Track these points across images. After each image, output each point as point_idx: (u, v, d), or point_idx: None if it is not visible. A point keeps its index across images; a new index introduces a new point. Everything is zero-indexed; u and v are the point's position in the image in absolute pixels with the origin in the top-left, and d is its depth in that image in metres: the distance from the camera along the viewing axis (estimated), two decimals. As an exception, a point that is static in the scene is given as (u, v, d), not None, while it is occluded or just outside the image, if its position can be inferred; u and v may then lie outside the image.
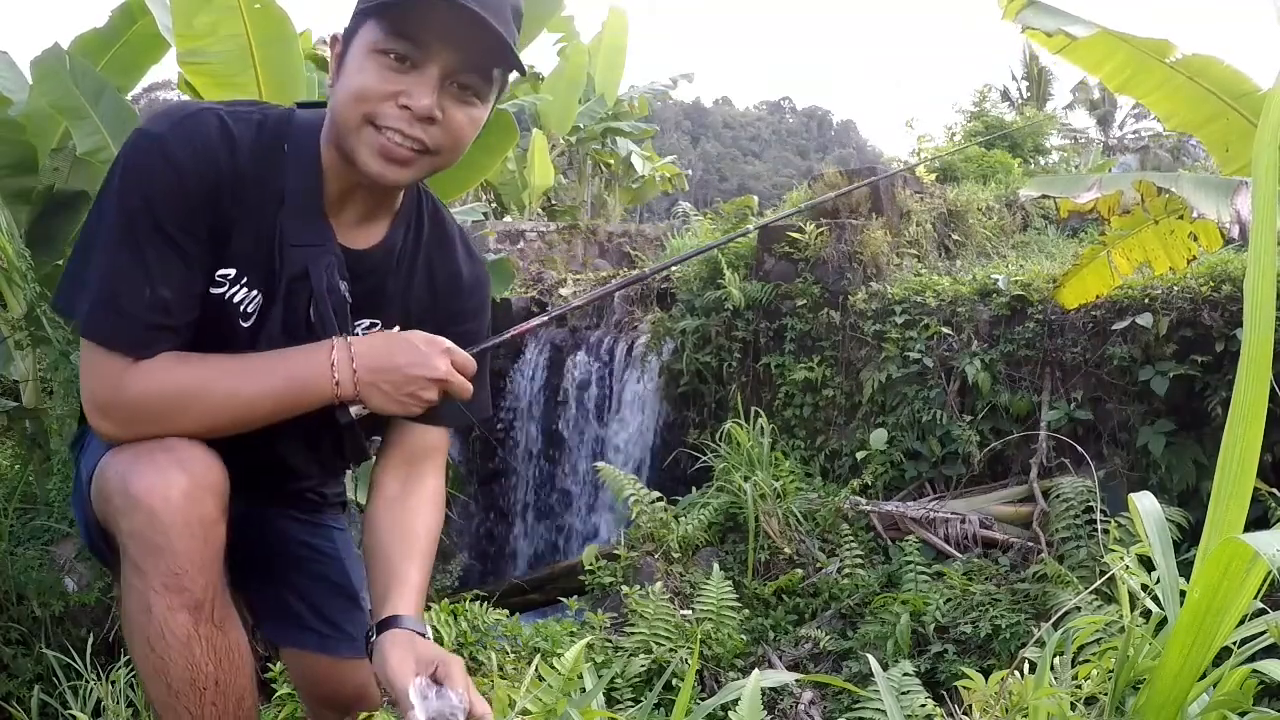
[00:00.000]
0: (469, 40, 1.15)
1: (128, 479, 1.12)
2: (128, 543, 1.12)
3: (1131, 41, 3.36)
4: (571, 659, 1.70)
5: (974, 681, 1.50)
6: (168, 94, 18.03)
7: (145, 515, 1.11)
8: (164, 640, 1.13)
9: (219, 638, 1.18)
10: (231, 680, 1.20)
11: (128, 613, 1.15)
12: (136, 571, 1.12)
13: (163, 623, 1.13)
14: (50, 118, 3.84)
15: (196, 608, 1.15)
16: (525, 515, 6.39)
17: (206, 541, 1.15)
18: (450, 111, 1.18)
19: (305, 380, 1.18)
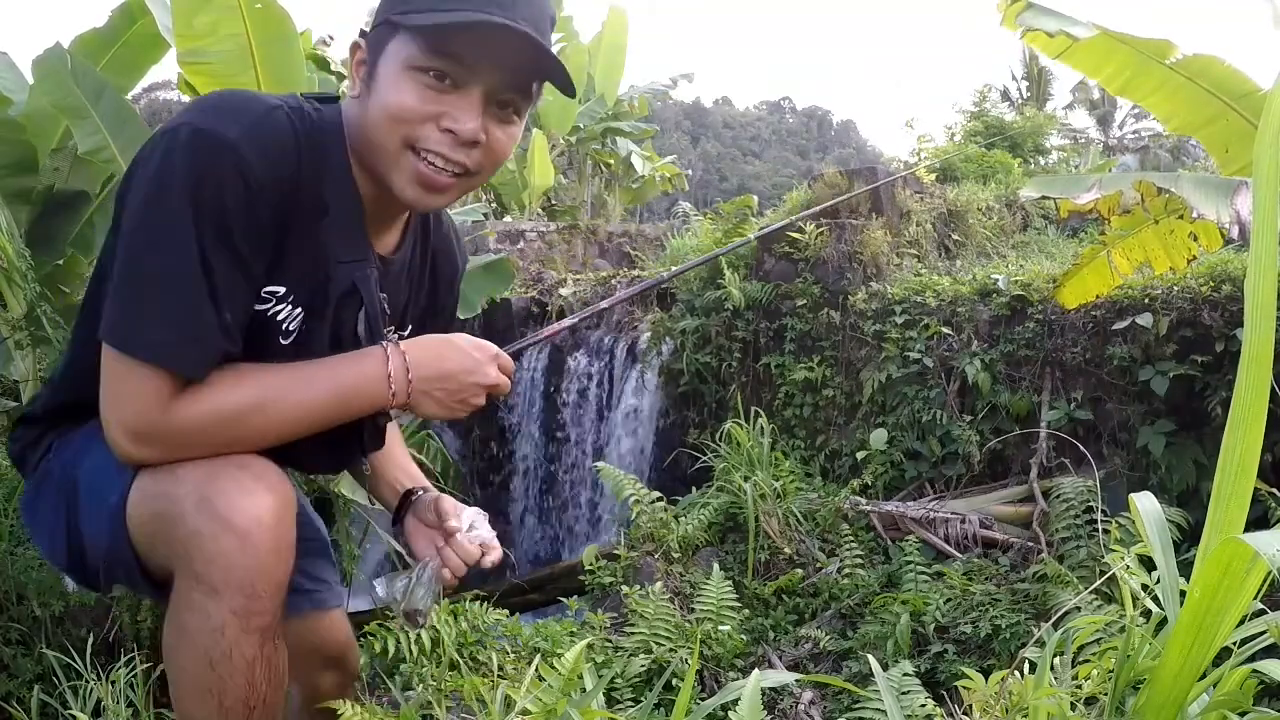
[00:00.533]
0: (515, 58, 1.10)
1: (214, 499, 1.06)
2: (206, 568, 1.07)
3: (1131, 43, 3.36)
4: (571, 659, 1.70)
5: (974, 681, 1.50)
6: (168, 94, 18.05)
7: (237, 538, 1.06)
8: (229, 662, 1.10)
9: (276, 657, 1.16)
10: (276, 697, 1.18)
11: (186, 631, 1.11)
12: (210, 593, 1.07)
13: (233, 644, 1.09)
14: (50, 118, 3.84)
15: (266, 629, 1.12)
16: (525, 515, 6.39)
17: (284, 565, 1.12)
18: (492, 132, 1.14)
19: (359, 390, 1.16)
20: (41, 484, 1.28)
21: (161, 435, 1.08)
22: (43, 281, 3.66)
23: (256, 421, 1.12)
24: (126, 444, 1.09)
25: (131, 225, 1.06)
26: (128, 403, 1.08)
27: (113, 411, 1.10)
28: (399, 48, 1.09)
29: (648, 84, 12.33)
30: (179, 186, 1.02)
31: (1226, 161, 3.56)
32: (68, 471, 1.24)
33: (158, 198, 1.03)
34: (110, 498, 1.16)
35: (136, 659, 2.53)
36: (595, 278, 7.12)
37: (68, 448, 1.26)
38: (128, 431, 1.09)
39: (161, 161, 1.03)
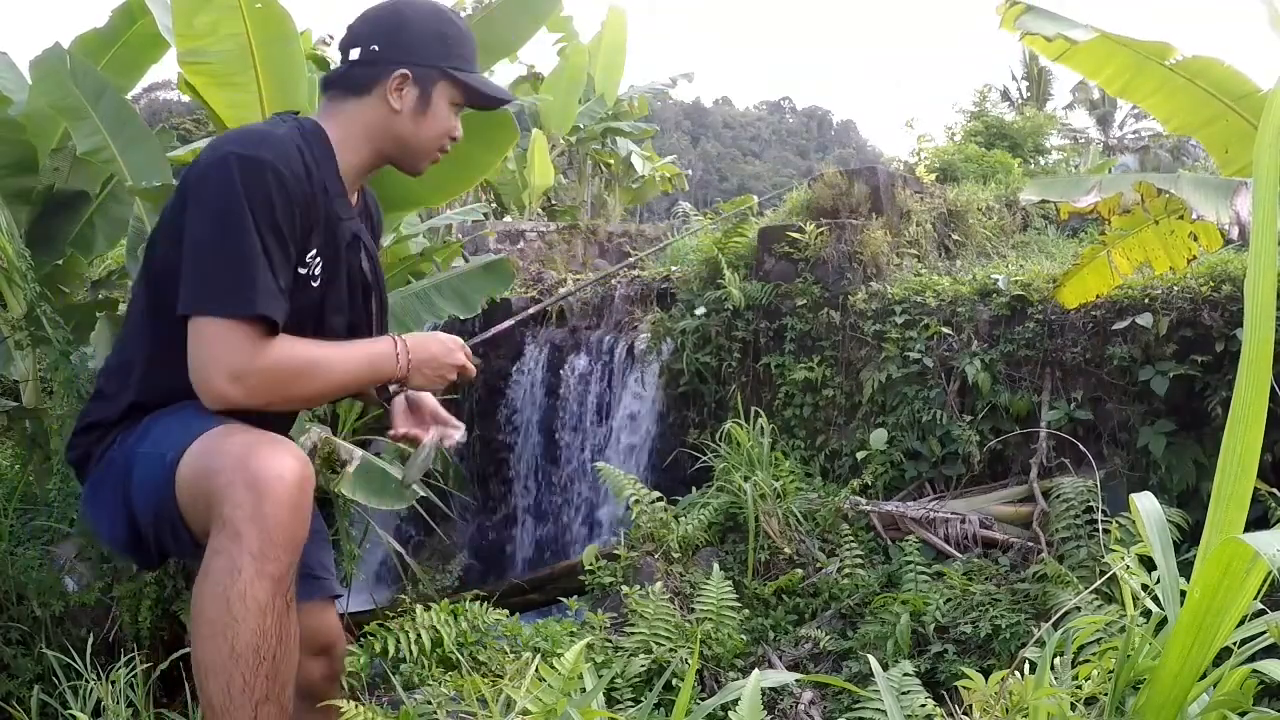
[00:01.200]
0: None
1: (249, 458, 1.32)
2: (233, 512, 1.29)
3: (1131, 45, 3.36)
4: (571, 659, 1.70)
5: (974, 681, 1.51)
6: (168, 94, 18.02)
7: (260, 488, 1.30)
8: (243, 602, 1.27)
9: (286, 618, 1.33)
10: (285, 664, 1.34)
11: (209, 572, 1.30)
12: (234, 537, 1.28)
13: (247, 584, 1.27)
14: (50, 118, 3.84)
15: (278, 580, 1.30)
16: (525, 515, 6.39)
17: (301, 525, 1.34)
18: None
19: (379, 363, 1.56)
20: (105, 472, 1.52)
21: (253, 373, 1.40)
22: (43, 281, 3.66)
23: (317, 374, 1.48)
24: (226, 385, 1.39)
25: (205, 226, 1.41)
26: (226, 352, 1.38)
27: (211, 365, 1.39)
28: (447, 90, 1.65)
29: (648, 84, 12.32)
30: (238, 195, 1.40)
31: (1226, 162, 3.56)
32: (129, 451, 1.49)
33: (224, 205, 1.40)
34: (168, 454, 1.41)
35: (136, 659, 2.53)
36: (595, 278, 7.12)
37: (132, 434, 1.52)
38: (228, 374, 1.38)
39: (221, 180, 1.41)
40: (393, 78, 1.59)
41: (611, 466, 4.49)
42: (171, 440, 1.43)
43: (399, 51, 1.59)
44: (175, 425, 1.45)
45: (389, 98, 1.60)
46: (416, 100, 1.62)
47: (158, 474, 1.42)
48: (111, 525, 1.51)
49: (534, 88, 10.69)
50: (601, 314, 6.55)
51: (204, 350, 1.40)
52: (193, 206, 1.43)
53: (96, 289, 4.51)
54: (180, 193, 1.48)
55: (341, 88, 1.64)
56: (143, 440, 1.49)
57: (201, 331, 1.40)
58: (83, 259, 4.34)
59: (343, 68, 1.65)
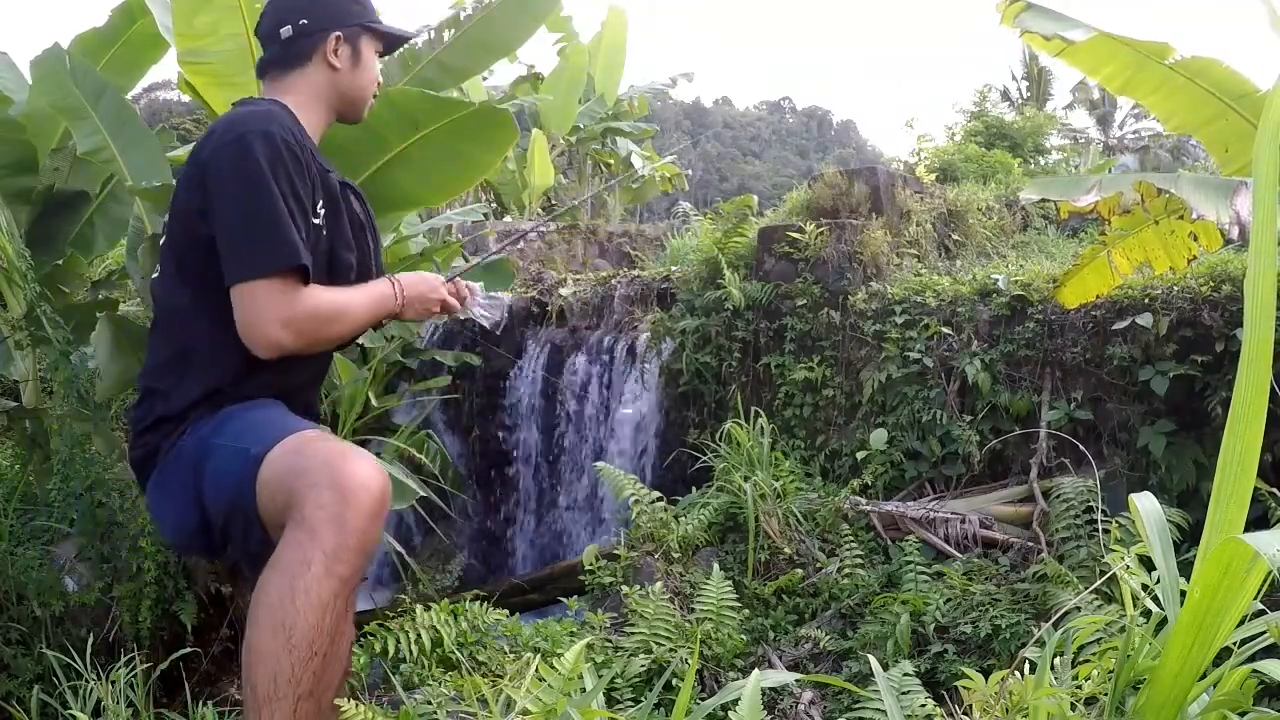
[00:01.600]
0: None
1: (338, 463, 1.41)
2: (315, 511, 1.37)
3: (1130, 44, 3.36)
4: (571, 659, 1.70)
5: (974, 681, 1.51)
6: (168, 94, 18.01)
7: (345, 493, 1.37)
8: (307, 595, 1.34)
9: (343, 620, 1.40)
10: (333, 664, 1.39)
11: (279, 564, 1.36)
12: (311, 534, 1.35)
13: (315, 579, 1.34)
14: (50, 118, 3.84)
15: (345, 581, 1.37)
16: (525, 515, 6.38)
17: (375, 534, 1.42)
18: None
19: (384, 303, 1.80)
20: (174, 463, 1.61)
21: (300, 317, 1.58)
22: (43, 281, 3.66)
23: (347, 315, 1.69)
24: (280, 332, 1.55)
25: (236, 201, 1.57)
26: (274, 303, 1.55)
27: (263, 317, 1.55)
28: (370, 41, 1.88)
29: (648, 84, 12.31)
30: (261, 169, 1.57)
31: (1226, 161, 3.56)
32: (203, 442, 1.59)
33: (250, 179, 1.57)
34: (252, 449, 1.50)
35: (136, 659, 2.53)
36: (595, 277, 7.11)
37: (206, 425, 1.61)
38: (280, 321, 1.55)
39: (242, 155, 1.58)
40: (328, 41, 1.82)
41: (611, 466, 4.49)
42: (256, 436, 1.53)
43: (325, 20, 1.82)
44: (260, 422, 1.58)
45: (329, 59, 1.83)
46: (350, 56, 1.86)
47: (239, 467, 1.50)
48: (179, 514, 1.60)
49: (534, 88, 10.69)
50: (601, 314, 6.54)
51: (255, 306, 1.55)
52: (219, 187, 1.59)
53: (96, 289, 4.51)
54: (195, 177, 1.63)
55: (282, 64, 1.84)
56: (219, 433, 1.59)
57: (252, 292, 1.56)
58: (83, 259, 4.33)
59: (276, 48, 1.84)
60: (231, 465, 1.51)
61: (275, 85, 1.85)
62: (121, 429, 5.14)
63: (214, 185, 1.59)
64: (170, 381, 1.67)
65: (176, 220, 1.70)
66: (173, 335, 1.71)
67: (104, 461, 3.42)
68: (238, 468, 1.49)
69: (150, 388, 1.71)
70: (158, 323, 1.77)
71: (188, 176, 1.67)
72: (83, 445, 3.35)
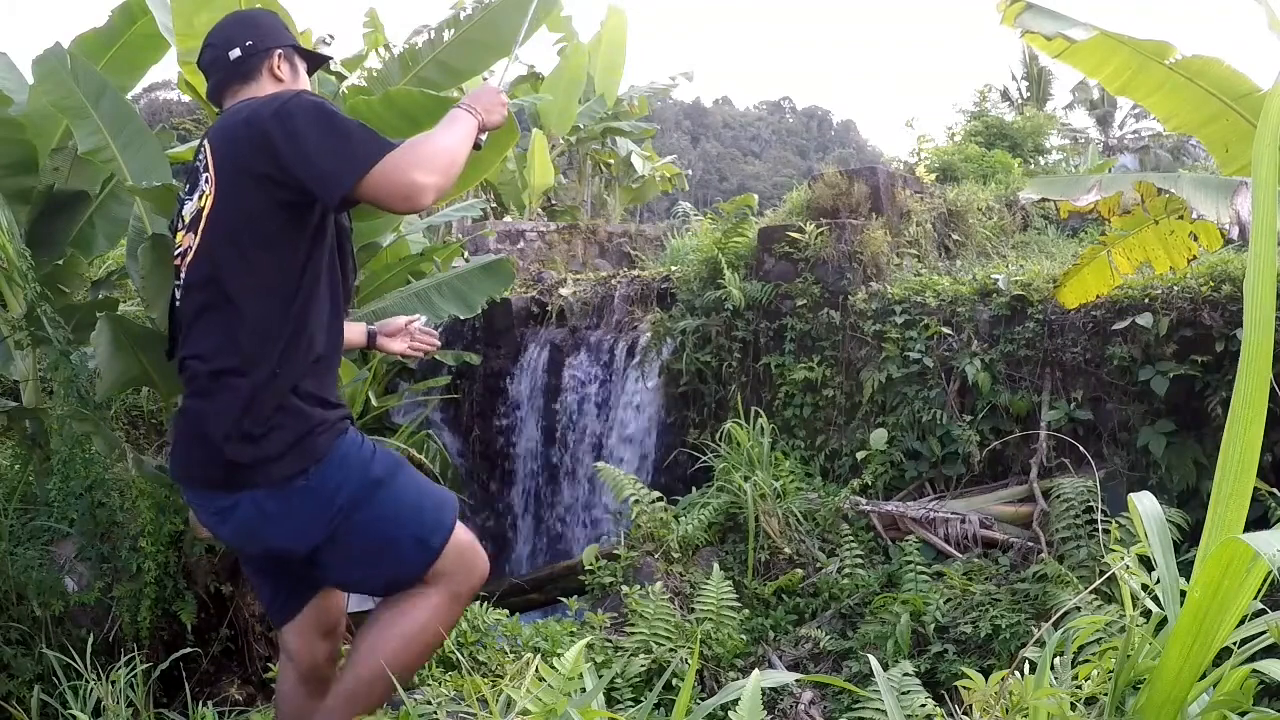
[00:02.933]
0: None
1: (474, 559, 1.91)
2: (456, 572, 1.87)
3: (1131, 44, 3.36)
4: (571, 659, 1.70)
5: (974, 681, 1.51)
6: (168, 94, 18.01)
7: (474, 585, 1.92)
8: (424, 645, 1.88)
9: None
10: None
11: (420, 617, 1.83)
12: (448, 604, 1.87)
13: (435, 636, 1.86)
14: (50, 117, 3.83)
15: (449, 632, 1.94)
16: (525, 515, 6.38)
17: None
18: None
19: (469, 121, 1.93)
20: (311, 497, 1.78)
21: (425, 162, 1.74)
22: (43, 281, 3.66)
23: (454, 143, 1.85)
24: (421, 177, 1.72)
25: (313, 128, 1.73)
26: (398, 167, 1.72)
27: (405, 179, 1.72)
28: (299, 59, 2.10)
29: (648, 84, 12.31)
30: (321, 102, 1.78)
31: (1226, 161, 3.56)
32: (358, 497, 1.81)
33: (318, 108, 1.76)
34: (433, 541, 1.85)
35: (136, 659, 2.53)
36: (595, 277, 7.12)
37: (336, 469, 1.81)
38: (416, 168, 1.72)
39: (301, 102, 1.76)
40: (272, 57, 2.01)
41: (611, 466, 4.49)
42: (430, 522, 1.86)
43: (268, 40, 2.02)
44: (420, 498, 1.89)
45: (275, 72, 2.02)
46: (290, 71, 2.05)
47: (417, 557, 1.84)
48: (298, 535, 1.79)
49: (534, 88, 10.68)
50: (601, 314, 6.54)
51: (385, 181, 1.72)
52: (293, 129, 1.73)
53: (97, 289, 4.51)
54: (256, 142, 1.76)
55: (239, 79, 2.00)
56: (376, 501, 1.83)
57: (374, 178, 1.71)
58: (83, 259, 4.33)
59: (226, 70, 2.00)
60: (410, 555, 1.84)
61: (239, 97, 1.99)
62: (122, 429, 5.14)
63: (287, 131, 1.73)
64: (254, 356, 1.77)
65: (237, 199, 1.80)
66: (261, 325, 1.78)
67: (104, 461, 3.42)
68: (416, 557, 1.84)
69: (227, 368, 1.77)
70: (212, 308, 1.82)
71: (243, 148, 1.79)
72: (83, 445, 3.35)
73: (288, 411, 1.77)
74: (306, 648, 2.00)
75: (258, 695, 3.32)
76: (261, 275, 1.79)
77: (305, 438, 1.78)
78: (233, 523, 1.81)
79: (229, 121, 1.87)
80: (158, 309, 3.27)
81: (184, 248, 1.89)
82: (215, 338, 1.79)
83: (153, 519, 3.23)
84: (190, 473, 1.84)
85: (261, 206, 1.78)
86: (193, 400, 1.82)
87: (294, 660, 2.02)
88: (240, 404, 1.74)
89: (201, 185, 1.87)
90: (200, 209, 1.85)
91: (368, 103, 3.01)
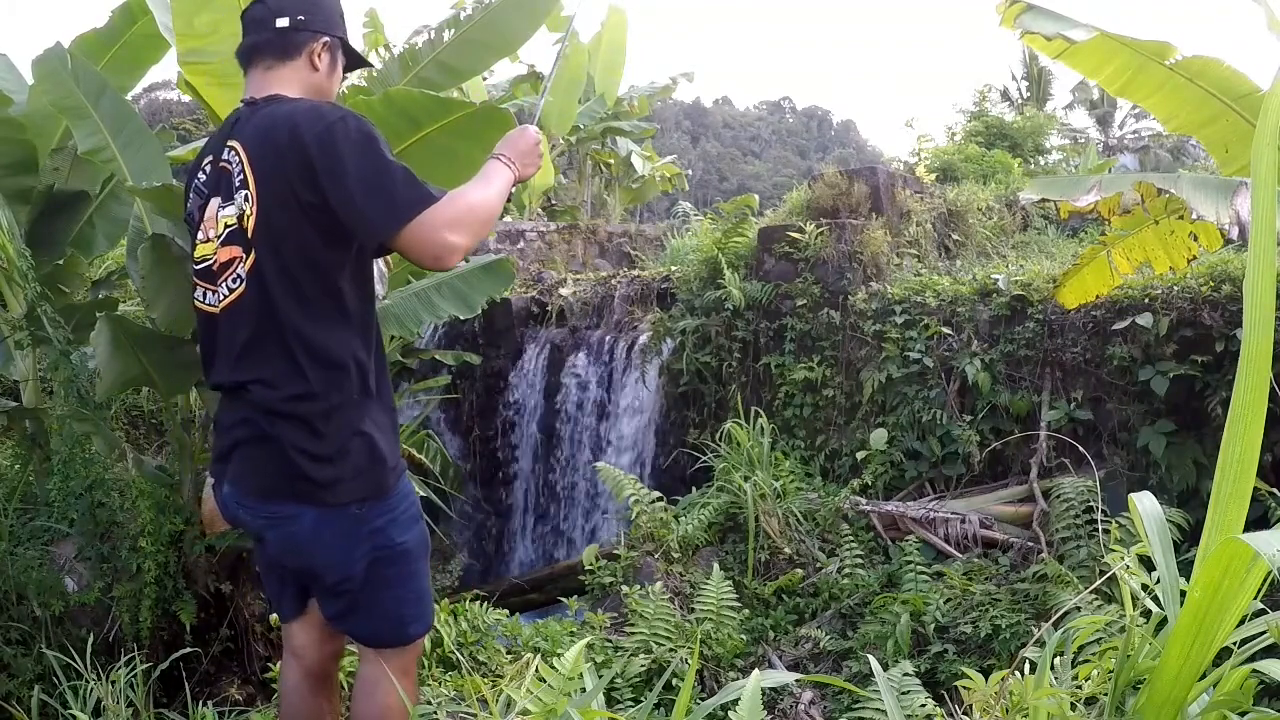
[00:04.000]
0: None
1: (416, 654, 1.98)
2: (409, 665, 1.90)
3: (1131, 45, 3.36)
4: (571, 659, 1.70)
5: (974, 681, 1.51)
6: (168, 94, 18.01)
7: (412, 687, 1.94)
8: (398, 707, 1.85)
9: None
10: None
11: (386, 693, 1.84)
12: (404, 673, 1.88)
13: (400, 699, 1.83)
14: (50, 117, 3.83)
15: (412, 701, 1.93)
16: (525, 515, 6.39)
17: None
18: None
19: (505, 174, 1.90)
20: (361, 527, 1.77)
21: (459, 220, 1.71)
22: (43, 281, 3.66)
23: (488, 200, 1.81)
24: (452, 238, 1.69)
25: (360, 162, 1.67)
26: (437, 226, 1.68)
27: (438, 238, 1.68)
28: (342, 55, 1.96)
29: (648, 84, 12.31)
30: (370, 132, 1.71)
31: (1226, 161, 3.56)
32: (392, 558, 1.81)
33: (367, 140, 1.69)
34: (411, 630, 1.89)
35: (136, 659, 2.53)
36: (595, 277, 7.12)
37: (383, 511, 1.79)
38: (449, 228, 1.68)
39: (353, 128, 1.70)
40: (317, 42, 1.88)
41: (611, 467, 4.49)
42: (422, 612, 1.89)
43: (320, 22, 1.88)
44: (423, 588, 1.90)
45: (313, 59, 1.88)
46: (329, 63, 1.91)
47: (392, 634, 1.86)
48: (340, 563, 1.77)
49: (534, 88, 10.69)
50: (601, 314, 6.54)
51: (425, 238, 1.68)
52: (339, 158, 1.67)
53: (97, 289, 4.51)
54: (299, 164, 1.69)
55: (278, 53, 1.86)
56: (395, 565, 1.82)
57: (411, 232, 1.67)
58: (83, 259, 4.33)
59: (271, 34, 1.85)
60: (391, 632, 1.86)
61: (269, 75, 1.86)
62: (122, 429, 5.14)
63: (331, 161, 1.66)
64: (324, 380, 1.74)
65: (282, 219, 1.72)
66: (333, 346, 1.75)
67: (104, 461, 3.42)
68: (394, 635, 1.86)
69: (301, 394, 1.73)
70: (265, 332, 1.75)
71: (286, 168, 1.70)
72: (83, 445, 3.35)
73: (362, 437, 1.76)
74: (312, 645, 2.00)
75: (258, 695, 3.32)
76: (314, 299, 1.73)
77: (376, 467, 1.77)
78: (284, 532, 1.78)
79: (265, 126, 1.75)
80: (158, 309, 3.27)
81: (219, 260, 1.79)
82: (279, 364, 1.73)
83: (153, 519, 3.23)
84: (258, 482, 1.79)
85: (306, 230, 1.71)
86: (264, 420, 1.75)
87: (298, 657, 2.01)
88: (319, 426, 1.72)
89: (238, 197, 1.76)
90: (241, 224, 1.75)
91: (368, 103, 3.01)
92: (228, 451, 1.84)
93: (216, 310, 1.81)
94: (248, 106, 1.84)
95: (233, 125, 1.84)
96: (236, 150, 1.77)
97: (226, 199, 1.79)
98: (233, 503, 1.85)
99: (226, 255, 1.77)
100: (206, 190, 1.85)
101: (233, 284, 1.77)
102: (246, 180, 1.74)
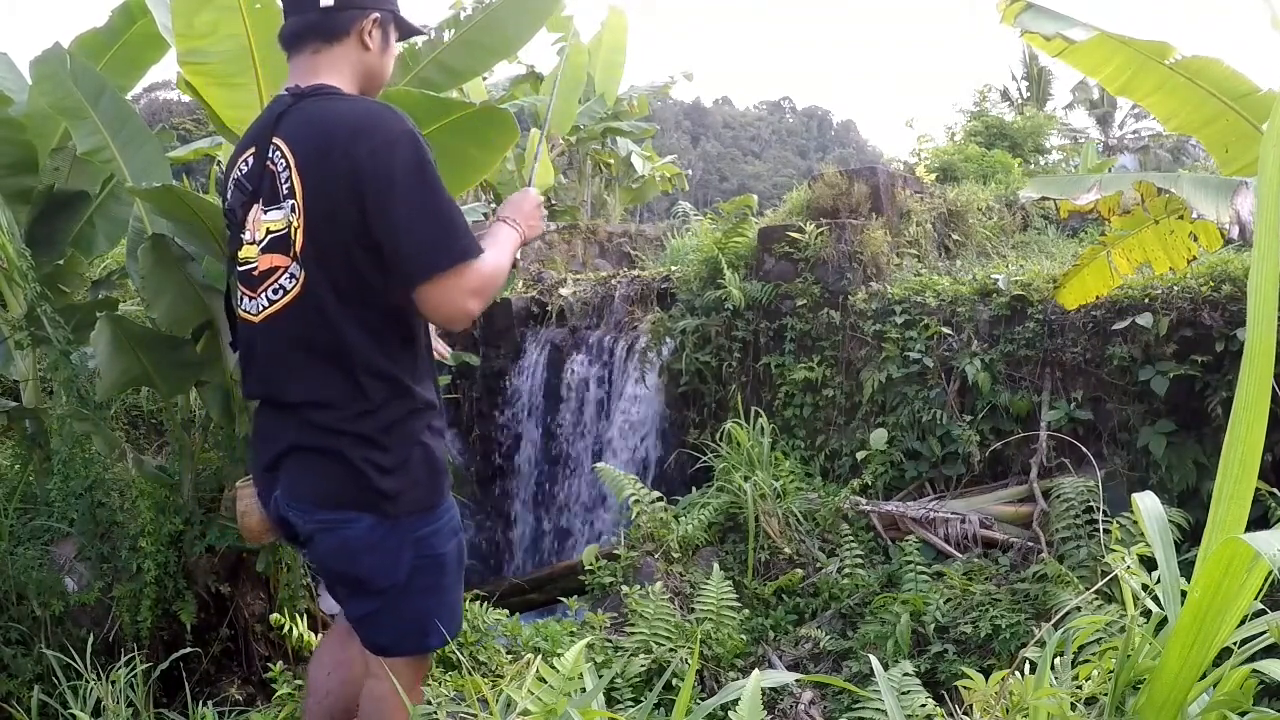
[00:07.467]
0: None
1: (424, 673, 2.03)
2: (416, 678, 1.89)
3: (1131, 44, 3.36)
4: (571, 659, 1.70)
5: (974, 681, 1.51)
6: (168, 94, 18.00)
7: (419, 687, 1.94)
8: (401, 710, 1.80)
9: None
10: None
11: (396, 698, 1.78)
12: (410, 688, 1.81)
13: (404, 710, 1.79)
14: (50, 118, 3.83)
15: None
16: (525, 516, 6.39)
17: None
18: None
19: (514, 240, 1.87)
20: (407, 537, 1.75)
21: (484, 288, 1.69)
22: (43, 281, 3.65)
23: (501, 269, 1.76)
24: (472, 304, 1.67)
25: (411, 200, 1.61)
26: (462, 286, 1.64)
27: (458, 297, 1.65)
28: (394, 28, 1.86)
29: (648, 84, 12.31)
30: (425, 163, 1.63)
31: (1226, 161, 3.56)
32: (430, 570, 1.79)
33: (422, 176, 1.62)
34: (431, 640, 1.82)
35: (136, 659, 2.53)
36: (595, 277, 7.11)
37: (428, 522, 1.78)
38: (473, 296, 1.66)
39: (409, 150, 1.62)
40: (367, 19, 1.77)
41: (611, 467, 4.49)
42: (448, 626, 1.83)
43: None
44: (455, 602, 1.88)
45: (364, 38, 1.78)
46: (381, 39, 1.82)
47: (413, 643, 1.82)
48: (387, 570, 1.74)
49: (534, 88, 10.68)
50: (601, 314, 6.54)
51: (449, 294, 1.64)
52: (390, 191, 1.60)
53: (97, 289, 4.51)
54: (350, 185, 1.61)
55: (326, 36, 1.75)
56: (431, 574, 1.79)
57: (444, 281, 1.63)
58: (83, 259, 4.33)
59: (315, 15, 1.74)
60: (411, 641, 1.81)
61: (317, 60, 1.75)
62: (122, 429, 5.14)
63: (382, 185, 1.60)
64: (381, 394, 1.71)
65: (331, 232, 1.64)
66: (375, 362, 1.70)
67: (104, 461, 3.42)
68: (412, 643, 1.82)
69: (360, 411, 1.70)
70: (316, 348, 1.70)
71: (336, 181, 1.62)
72: (83, 445, 3.35)
73: (422, 446, 1.75)
74: (341, 644, 2.03)
75: (258, 695, 3.32)
76: (369, 317, 1.68)
77: (435, 478, 1.77)
78: (338, 537, 1.73)
79: (317, 129, 1.66)
80: (158, 309, 3.27)
81: (260, 267, 1.72)
82: (338, 385, 1.69)
83: (153, 519, 3.23)
84: (323, 489, 1.73)
85: (356, 250, 1.64)
86: (323, 436, 1.71)
87: (332, 652, 2.04)
88: (382, 439, 1.70)
89: (285, 206, 1.67)
90: (286, 234, 1.67)
91: (368, 103, 3.00)
92: (274, 461, 1.79)
93: (256, 319, 1.75)
94: (293, 96, 1.73)
95: (277, 118, 1.71)
96: (283, 151, 1.67)
97: (270, 203, 1.70)
98: (284, 504, 1.79)
99: (268, 263, 1.70)
100: (250, 187, 1.75)
101: (274, 295, 1.70)
102: (294, 190, 1.65)
